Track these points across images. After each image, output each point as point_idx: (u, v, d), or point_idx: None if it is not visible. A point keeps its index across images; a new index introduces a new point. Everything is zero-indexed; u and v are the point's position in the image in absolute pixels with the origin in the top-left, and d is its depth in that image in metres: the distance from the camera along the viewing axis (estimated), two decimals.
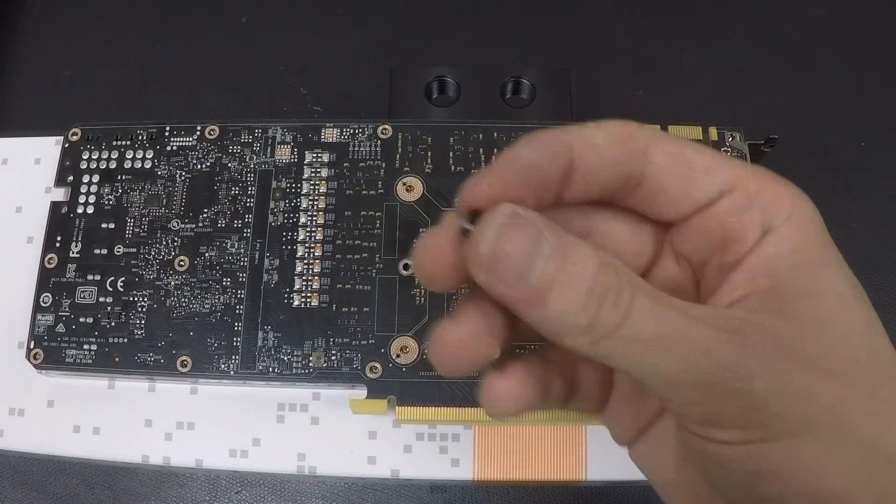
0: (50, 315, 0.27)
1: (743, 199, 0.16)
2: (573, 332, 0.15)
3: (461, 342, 0.16)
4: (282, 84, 0.38)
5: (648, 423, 0.18)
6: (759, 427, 0.14)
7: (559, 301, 0.14)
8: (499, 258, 0.14)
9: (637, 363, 0.15)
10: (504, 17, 0.40)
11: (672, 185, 0.16)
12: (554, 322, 0.15)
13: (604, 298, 0.14)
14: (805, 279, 0.16)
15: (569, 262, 0.14)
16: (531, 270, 0.14)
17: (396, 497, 0.31)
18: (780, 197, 0.16)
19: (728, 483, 0.15)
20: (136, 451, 0.26)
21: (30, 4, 0.41)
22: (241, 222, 0.28)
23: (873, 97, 0.37)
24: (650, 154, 0.16)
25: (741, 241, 0.16)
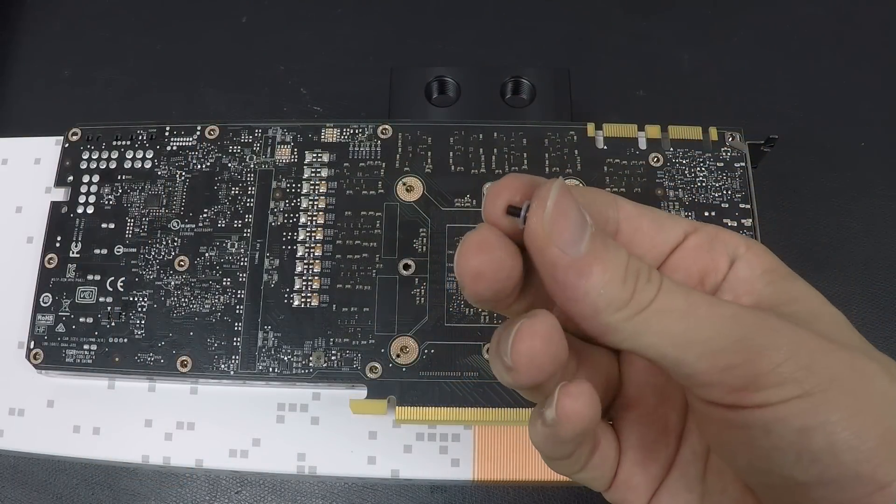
0: (50, 315, 0.27)
1: (707, 237, 0.18)
2: (613, 306, 0.15)
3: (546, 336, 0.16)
4: (282, 84, 0.38)
5: (659, 481, 0.19)
6: (794, 382, 0.15)
7: (604, 272, 0.15)
8: (558, 220, 0.15)
9: (672, 335, 0.15)
10: (504, 17, 0.40)
11: (645, 229, 0.18)
12: (597, 293, 0.15)
13: (639, 275, 0.16)
14: (784, 290, 0.18)
15: (607, 242, 0.16)
16: (581, 240, 0.15)
17: (396, 497, 0.31)
18: (733, 237, 0.19)
19: (777, 452, 0.15)
20: (136, 451, 0.26)
21: (30, 4, 0.41)
22: (241, 222, 0.28)
23: (873, 97, 0.37)
24: (619, 205, 0.18)
25: (715, 272, 0.18)
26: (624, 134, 0.28)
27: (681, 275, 0.18)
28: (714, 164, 0.28)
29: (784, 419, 0.15)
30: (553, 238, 0.15)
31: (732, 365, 0.15)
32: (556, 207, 0.15)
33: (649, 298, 0.15)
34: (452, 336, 0.26)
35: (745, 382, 0.15)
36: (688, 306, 0.16)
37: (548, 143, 0.28)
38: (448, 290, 0.26)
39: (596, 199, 0.18)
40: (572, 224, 0.15)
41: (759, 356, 0.15)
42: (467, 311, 0.26)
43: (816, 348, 0.15)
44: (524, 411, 0.25)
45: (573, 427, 0.16)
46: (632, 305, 0.15)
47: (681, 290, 0.16)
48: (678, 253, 0.18)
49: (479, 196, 0.28)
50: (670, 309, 0.16)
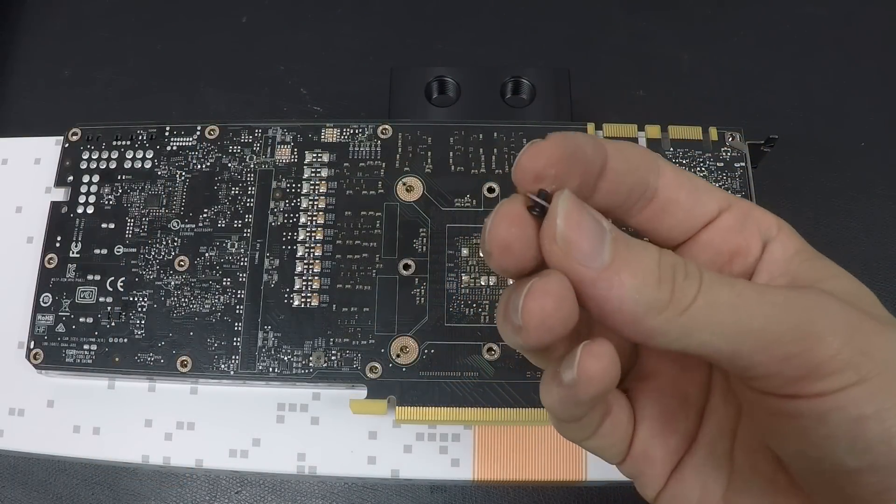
0: (50, 315, 0.27)
1: (740, 215, 0.18)
2: (654, 309, 0.15)
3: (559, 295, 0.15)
4: (282, 84, 0.38)
5: (679, 457, 0.18)
6: (852, 369, 0.14)
7: (635, 276, 0.15)
8: (572, 236, 0.15)
9: (723, 329, 0.15)
10: (504, 17, 0.40)
11: (681, 200, 0.17)
12: (634, 300, 0.14)
13: (676, 271, 0.15)
14: (820, 268, 0.17)
15: (632, 244, 0.15)
16: (602, 249, 0.15)
17: (396, 497, 0.31)
18: (765, 216, 0.18)
19: (831, 440, 0.15)
20: (136, 451, 0.26)
21: (30, 4, 0.41)
22: (241, 222, 0.28)
23: (873, 97, 0.37)
24: (663, 170, 0.17)
25: (746, 254, 0.18)
26: (624, 134, 0.28)
27: (710, 253, 0.18)
28: (714, 164, 0.28)
29: (841, 408, 0.15)
30: (572, 255, 0.15)
31: (791, 354, 0.15)
32: (566, 223, 0.15)
33: (693, 294, 0.15)
34: (452, 336, 0.26)
35: (803, 372, 0.15)
36: (736, 296, 0.15)
37: None
38: (448, 290, 0.26)
39: (638, 165, 0.17)
40: (588, 236, 0.15)
41: (817, 343, 0.15)
42: (467, 312, 0.26)
43: (870, 330, 0.15)
44: (524, 411, 0.25)
45: (594, 388, 0.16)
46: (674, 305, 0.15)
47: (725, 281, 0.15)
48: (710, 229, 0.18)
49: (479, 196, 0.28)
50: (718, 302, 0.15)
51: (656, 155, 0.18)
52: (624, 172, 0.17)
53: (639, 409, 0.19)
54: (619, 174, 0.17)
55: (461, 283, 0.26)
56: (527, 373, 0.25)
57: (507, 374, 0.25)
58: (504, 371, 0.26)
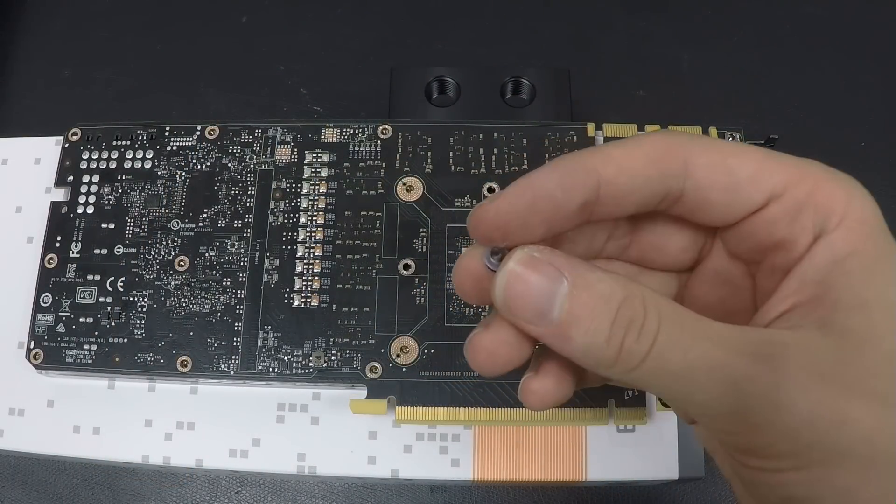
0: (50, 315, 0.27)
1: (793, 204, 0.16)
2: (602, 364, 0.15)
3: (493, 349, 0.16)
4: (282, 84, 0.38)
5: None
6: (791, 457, 0.14)
7: (583, 335, 0.15)
8: (513, 302, 0.15)
9: (668, 394, 0.15)
10: (504, 17, 0.40)
11: (715, 198, 0.16)
12: (582, 355, 0.15)
13: (629, 330, 0.14)
14: (855, 287, 0.15)
15: (590, 297, 0.15)
16: (552, 308, 0.15)
17: (396, 497, 0.31)
18: (834, 197, 0.16)
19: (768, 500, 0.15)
20: (136, 451, 0.26)
21: (30, 4, 0.41)
22: (241, 222, 0.28)
23: (873, 97, 0.37)
24: (690, 169, 0.16)
25: (791, 248, 0.16)
26: (624, 134, 0.28)
27: (750, 244, 0.17)
28: None
29: (771, 485, 0.15)
30: (518, 319, 0.15)
31: (728, 432, 0.15)
32: (507, 292, 0.15)
33: (640, 357, 0.14)
34: (452, 336, 0.26)
35: (738, 447, 0.15)
36: (683, 369, 0.14)
37: (548, 143, 0.28)
38: (448, 290, 0.26)
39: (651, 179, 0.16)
40: (534, 299, 0.15)
41: (755, 432, 0.14)
42: (467, 311, 0.26)
43: (829, 420, 0.14)
44: (524, 411, 0.25)
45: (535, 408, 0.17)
46: (620, 364, 0.15)
47: (679, 346, 0.14)
48: (754, 219, 0.16)
49: (479, 196, 0.28)
50: (664, 370, 0.15)
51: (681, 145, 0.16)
52: (626, 194, 0.16)
53: None
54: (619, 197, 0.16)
55: None
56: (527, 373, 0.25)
57: (507, 374, 0.25)
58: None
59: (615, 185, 0.16)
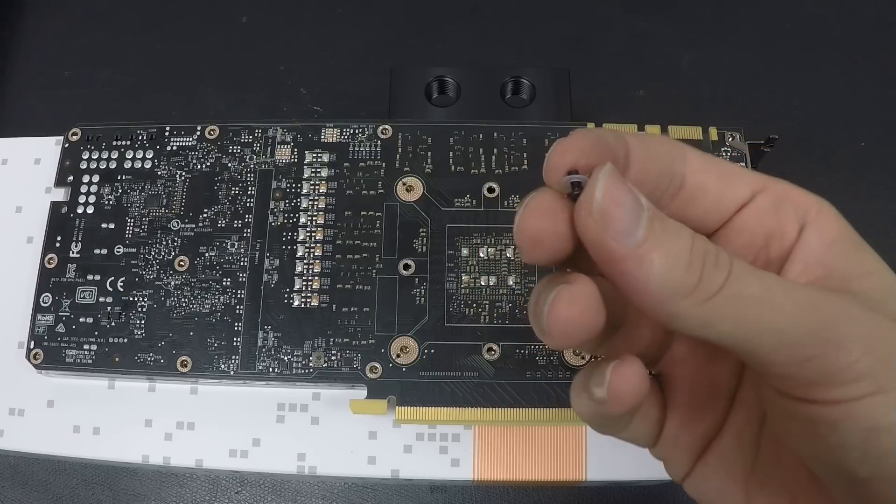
0: (50, 315, 0.27)
1: (774, 197, 0.17)
2: (679, 294, 0.15)
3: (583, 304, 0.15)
4: (282, 84, 0.38)
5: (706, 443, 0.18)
6: (870, 378, 0.14)
7: (665, 258, 0.14)
8: (609, 210, 0.15)
9: (746, 323, 0.15)
10: (504, 17, 0.40)
11: (711, 186, 0.17)
12: (660, 282, 0.14)
13: (706, 258, 0.15)
14: (856, 261, 0.16)
15: (668, 225, 0.15)
16: (637, 227, 0.15)
17: (396, 497, 0.31)
18: (805, 196, 0.17)
19: (843, 449, 0.15)
20: (136, 451, 0.26)
21: (30, 4, 0.41)
22: (241, 222, 0.28)
23: (873, 97, 0.37)
24: (689, 158, 0.17)
25: (781, 237, 0.17)
26: None
27: (745, 237, 0.17)
28: None
29: (854, 417, 0.14)
30: (606, 230, 0.15)
31: (808, 358, 0.14)
32: (605, 196, 0.15)
33: (719, 283, 0.15)
34: (452, 336, 0.26)
35: (819, 377, 0.15)
36: (762, 292, 0.15)
37: (548, 143, 0.28)
38: (448, 290, 0.26)
39: (662, 154, 0.17)
40: (625, 212, 0.15)
41: (836, 350, 0.14)
42: (467, 312, 0.26)
43: (893, 339, 0.15)
44: (524, 411, 0.25)
45: (624, 406, 0.16)
46: (699, 292, 0.14)
47: (754, 274, 0.15)
48: (744, 213, 0.17)
49: (479, 196, 0.28)
50: (743, 295, 0.15)
51: (681, 144, 0.17)
52: (648, 161, 0.17)
53: (669, 395, 0.19)
54: (643, 163, 0.17)
55: (461, 283, 0.26)
56: (527, 373, 0.25)
57: (507, 374, 0.25)
58: (504, 371, 0.26)
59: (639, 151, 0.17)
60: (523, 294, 0.26)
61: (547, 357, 0.26)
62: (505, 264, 0.27)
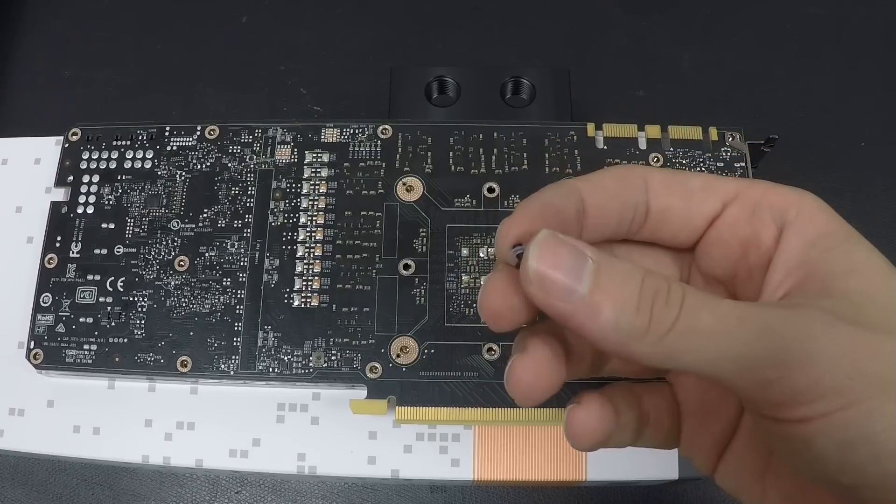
0: (50, 315, 0.27)
1: (748, 204, 0.17)
2: (633, 336, 0.15)
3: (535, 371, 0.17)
4: (282, 84, 0.38)
5: (724, 444, 0.19)
6: (836, 394, 0.14)
7: (613, 305, 0.15)
8: (546, 274, 0.15)
9: (703, 354, 0.15)
10: (504, 17, 0.40)
11: (675, 206, 0.18)
12: (613, 329, 0.15)
13: (656, 297, 0.15)
14: (841, 258, 0.16)
15: (614, 272, 0.15)
16: (579, 282, 0.15)
17: (396, 497, 0.31)
18: (786, 196, 0.17)
19: (821, 462, 0.15)
20: (136, 451, 0.26)
21: (30, 4, 0.41)
22: (241, 222, 0.28)
23: (873, 97, 0.37)
24: (649, 183, 0.18)
25: (758, 244, 0.17)
26: (624, 134, 0.28)
27: (721, 249, 0.18)
28: (714, 164, 0.28)
29: (826, 433, 0.14)
30: (548, 294, 0.15)
31: (769, 381, 0.15)
32: (539, 263, 0.15)
33: (671, 321, 0.15)
34: (452, 336, 0.26)
35: (783, 398, 0.15)
36: (715, 323, 0.15)
37: (548, 143, 0.28)
38: (448, 290, 0.26)
39: (617, 190, 0.17)
40: (564, 272, 0.15)
41: (796, 370, 0.14)
42: (467, 312, 0.26)
43: (863, 351, 0.14)
44: (524, 411, 0.25)
45: (584, 445, 0.17)
46: (652, 331, 0.15)
47: (706, 306, 0.15)
48: (717, 225, 0.18)
49: (479, 196, 0.28)
50: (696, 328, 0.15)
51: (639, 169, 0.18)
52: (604, 202, 0.17)
53: (682, 402, 0.19)
54: (599, 206, 0.17)
55: (461, 283, 0.26)
56: None
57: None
58: (504, 371, 0.25)
59: (595, 197, 0.17)
60: None
61: None
62: None
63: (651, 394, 0.19)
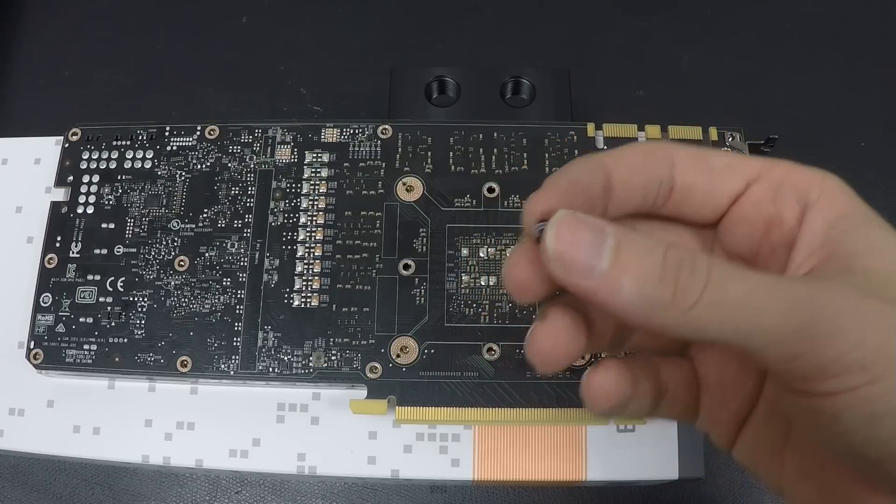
0: (50, 315, 0.27)
1: (772, 184, 0.17)
2: (658, 309, 0.15)
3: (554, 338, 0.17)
4: (282, 84, 0.38)
5: (743, 418, 0.19)
6: (862, 369, 0.14)
7: (635, 279, 0.15)
8: (565, 253, 0.15)
9: (732, 326, 0.15)
10: (504, 17, 0.40)
11: (700, 183, 0.18)
12: (637, 303, 0.15)
13: (679, 269, 0.15)
14: (862, 238, 0.16)
15: (635, 246, 0.15)
16: (599, 258, 0.15)
17: (396, 497, 0.31)
18: (809, 176, 0.17)
19: (847, 436, 0.15)
20: (136, 451, 0.26)
21: (30, 4, 0.41)
22: (241, 222, 0.28)
23: (873, 97, 0.37)
24: (674, 159, 0.18)
25: (781, 223, 0.17)
26: (624, 134, 0.28)
27: (744, 227, 0.18)
28: None
29: (852, 407, 0.15)
30: (569, 272, 0.15)
31: (797, 354, 0.15)
32: (558, 242, 0.15)
33: (698, 291, 0.15)
34: (452, 336, 0.26)
35: (812, 372, 0.15)
36: (744, 295, 0.15)
37: (548, 143, 0.28)
38: (448, 290, 0.26)
39: (643, 166, 0.17)
40: (583, 250, 0.15)
41: (824, 344, 0.14)
42: (467, 312, 0.26)
43: (889, 325, 0.15)
44: (524, 411, 0.25)
45: (602, 407, 0.17)
46: (678, 303, 0.15)
47: (735, 277, 0.15)
48: (740, 203, 0.18)
49: (479, 196, 0.28)
50: (725, 300, 0.15)
51: (665, 145, 0.18)
52: (630, 177, 0.17)
53: (702, 376, 0.19)
54: (625, 181, 0.17)
55: (461, 283, 0.26)
56: (527, 373, 0.25)
57: (507, 374, 0.25)
58: (504, 371, 0.26)
59: (621, 172, 0.17)
60: None
61: None
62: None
63: (670, 366, 0.19)
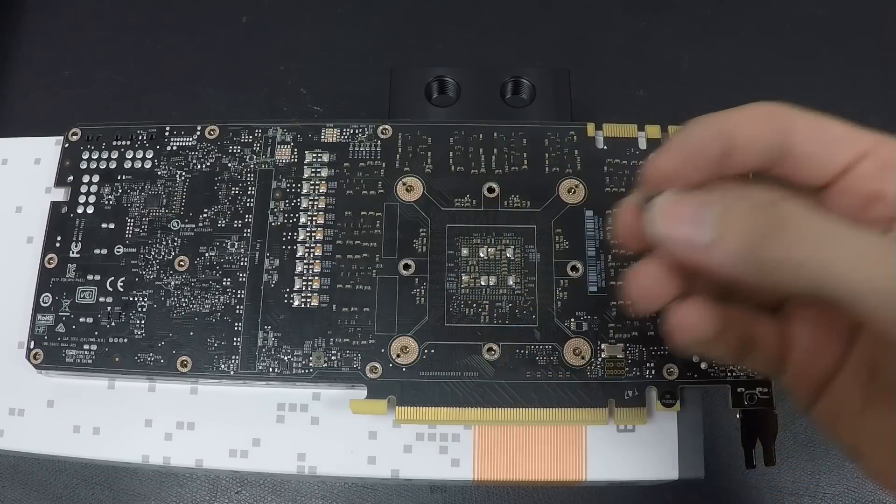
0: (50, 315, 0.27)
1: (881, 162, 0.18)
2: (768, 267, 0.16)
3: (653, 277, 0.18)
4: (282, 84, 0.38)
5: (828, 379, 0.19)
6: None
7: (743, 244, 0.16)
8: (671, 233, 0.17)
9: (847, 284, 0.15)
10: (504, 17, 0.40)
11: (816, 152, 0.18)
12: (747, 262, 0.16)
13: (789, 226, 0.16)
14: None
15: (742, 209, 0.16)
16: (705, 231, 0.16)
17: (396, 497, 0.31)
18: None
19: None
20: (136, 451, 0.26)
21: (30, 4, 0.41)
22: (241, 222, 0.28)
23: (873, 97, 0.37)
24: (795, 126, 0.18)
25: (885, 200, 0.18)
26: (624, 134, 0.28)
27: (847, 199, 0.18)
28: None
29: None
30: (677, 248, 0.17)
31: None
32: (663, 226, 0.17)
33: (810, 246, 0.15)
34: (452, 336, 0.26)
35: None
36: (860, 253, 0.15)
37: (548, 143, 0.28)
38: (448, 290, 0.26)
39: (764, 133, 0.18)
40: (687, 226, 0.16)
41: None
42: (467, 312, 0.26)
43: None
44: (524, 411, 0.25)
45: (682, 337, 0.18)
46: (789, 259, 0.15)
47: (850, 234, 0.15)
48: (849, 174, 0.18)
49: (479, 196, 0.28)
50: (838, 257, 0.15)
51: (787, 111, 0.19)
52: (751, 142, 0.18)
53: (795, 335, 0.19)
54: (745, 148, 0.18)
55: (461, 283, 0.26)
56: (527, 373, 0.25)
57: (507, 374, 0.25)
58: (504, 371, 0.26)
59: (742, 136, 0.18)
60: (523, 294, 0.26)
61: (547, 357, 0.26)
62: (505, 264, 0.27)
63: (763, 320, 0.19)
